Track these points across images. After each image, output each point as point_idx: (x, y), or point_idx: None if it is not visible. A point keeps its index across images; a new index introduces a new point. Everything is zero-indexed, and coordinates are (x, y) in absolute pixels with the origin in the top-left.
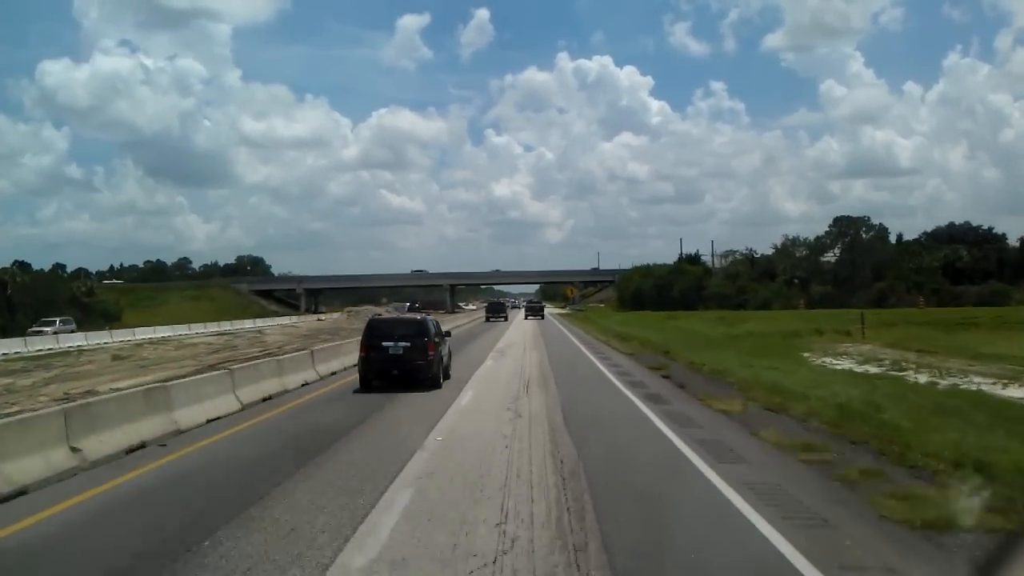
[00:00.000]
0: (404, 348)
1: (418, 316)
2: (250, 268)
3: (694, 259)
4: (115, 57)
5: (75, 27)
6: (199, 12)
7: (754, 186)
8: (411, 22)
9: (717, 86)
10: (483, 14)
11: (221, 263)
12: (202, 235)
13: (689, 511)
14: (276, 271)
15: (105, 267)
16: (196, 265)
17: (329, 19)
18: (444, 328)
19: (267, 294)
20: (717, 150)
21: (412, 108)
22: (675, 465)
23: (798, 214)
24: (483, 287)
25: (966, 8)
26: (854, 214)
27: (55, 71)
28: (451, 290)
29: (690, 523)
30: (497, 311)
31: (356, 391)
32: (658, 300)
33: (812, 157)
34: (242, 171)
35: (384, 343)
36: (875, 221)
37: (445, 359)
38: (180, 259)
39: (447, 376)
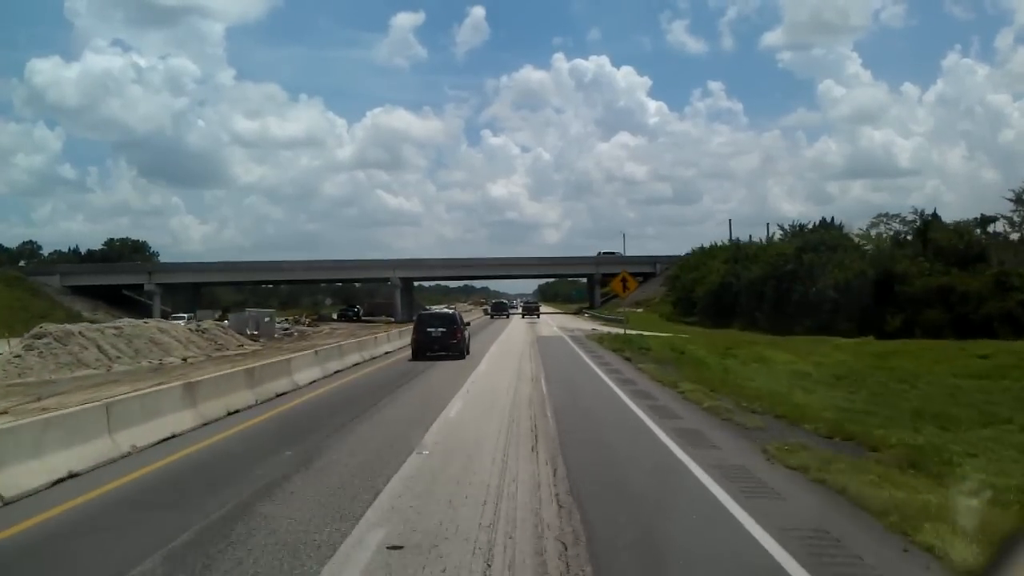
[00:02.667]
0: (441, 332)
1: (450, 311)
2: (120, 257)
3: (829, 224)
4: (106, 56)
5: (65, 25)
6: (190, 9)
7: (752, 187)
8: (405, 20)
9: (715, 86)
10: (478, 12)
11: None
12: (197, 236)
13: None
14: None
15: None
16: (47, 251)
17: (322, 17)
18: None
19: (104, 290)
20: (715, 150)
21: (407, 108)
22: None
23: (796, 215)
24: (478, 286)
25: (968, 5)
26: (853, 215)
27: (44, 69)
28: (406, 287)
29: None
30: (500, 310)
31: (410, 360)
32: (775, 306)
33: (810, 157)
34: (237, 171)
35: (428, 329)
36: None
37: (467, 340)
38: (23, 243)
39: (468, 352)
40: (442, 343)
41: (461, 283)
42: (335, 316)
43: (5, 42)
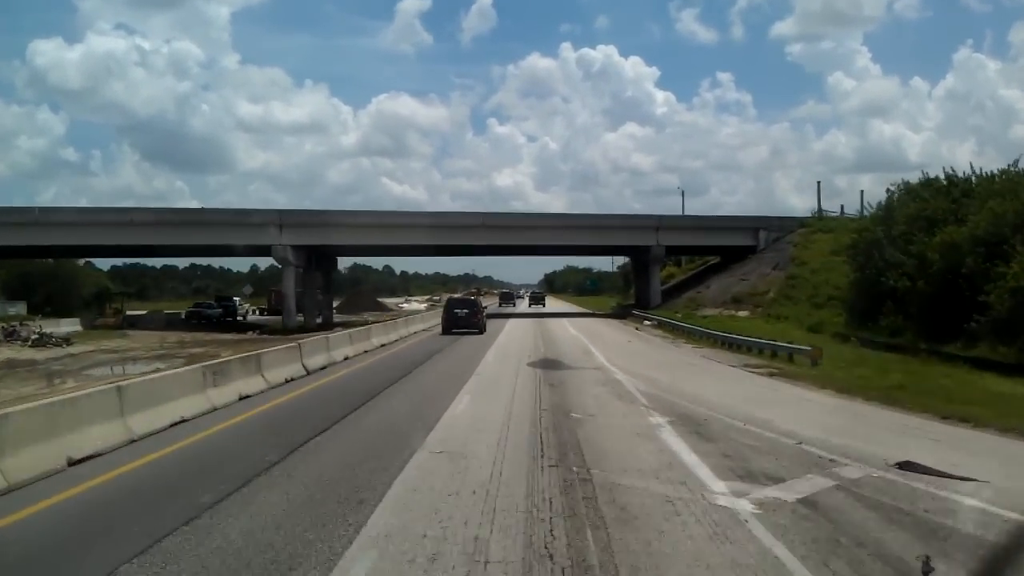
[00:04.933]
0: (465, 313)
1: (471, 298)
2: None
3: None
4: (110, 38)
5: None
6: None
7: (760, 179)
8: (411, 6)
9: (724, 77)
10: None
11: None
12: None
13: None
14: None
15: None
16: None
17: (328, 3)
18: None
19: None
20: (723, 142)
21: (413, 95)
22: None
23: (804, 208)
24: (480, 275)
25: None
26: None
27: (47, 51)
28: (319, 263)
29: None
30: (508, 299)
31: (440, 334)
32: None
33: (819, 150)
34: (241, 157)
35: (455, 310)
36: None
37: (485, 320)
38: None
39: (485, 330)
40: (466, 321)
41: (463, 271)
42: (186, 315)
43: (9, 25)
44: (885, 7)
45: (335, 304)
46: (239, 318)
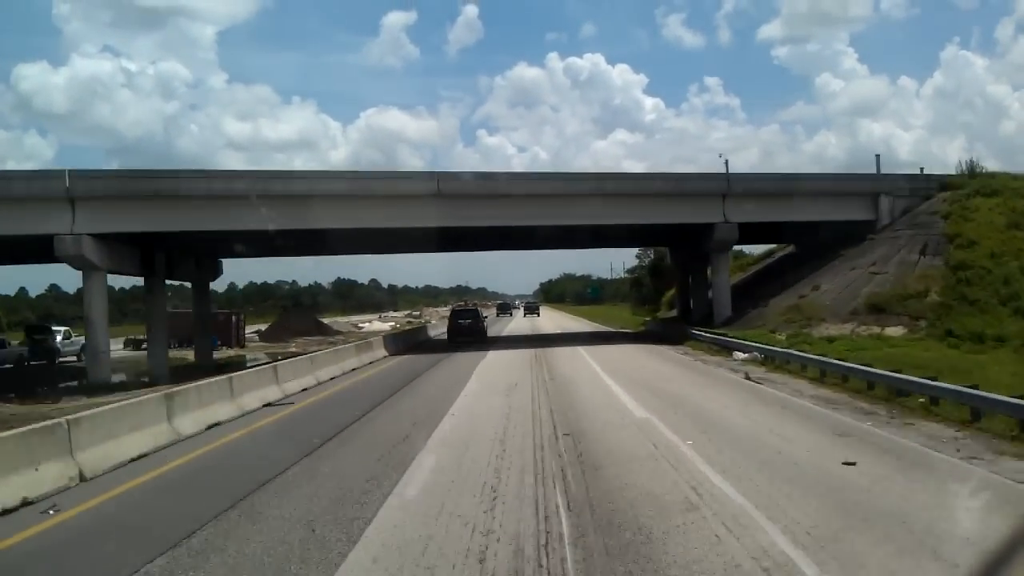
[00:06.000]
0: (469, 322)
1: (473, 308)
2: None
3: None
4: (95, 60)
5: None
6: (177, 11)
7: None
8: (397, 20)
9: (712, 81)
10: (471, 11)
11: None
12: None
13: None
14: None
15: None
16: None
17: (314, 18)
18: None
19: None
20: (714, 146)
21: (402, 108)
22: None
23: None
24: (474, 286)
25: None
26: None
27: (32, 75)
28: (162, 275)
29: None
30: (505, 309)
31: (446, 343)
32: None
33: (810, 151)
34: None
35: (459, 320)
36: None
37: (486, 328)
38: None
39: (486, 338)
40: (469, 329)
41: (455, 283)
42: None
43: None
44: (871, 7)
45: (258, 329)
46: (66, 359)
